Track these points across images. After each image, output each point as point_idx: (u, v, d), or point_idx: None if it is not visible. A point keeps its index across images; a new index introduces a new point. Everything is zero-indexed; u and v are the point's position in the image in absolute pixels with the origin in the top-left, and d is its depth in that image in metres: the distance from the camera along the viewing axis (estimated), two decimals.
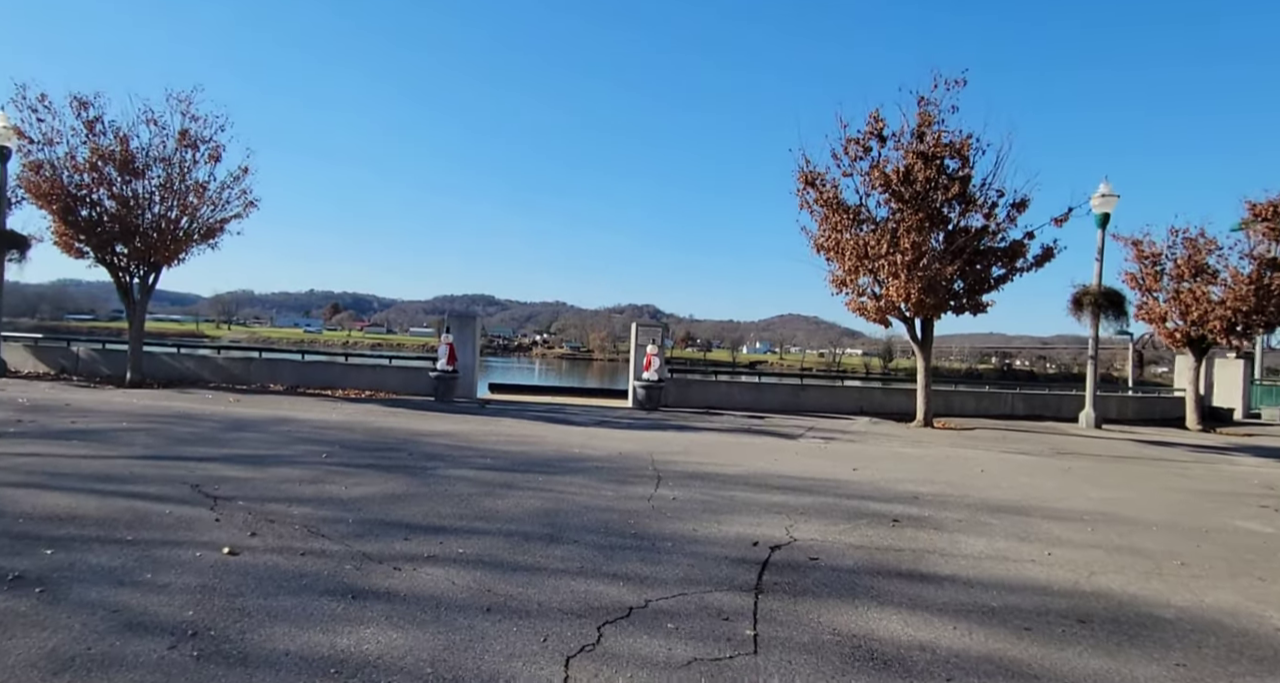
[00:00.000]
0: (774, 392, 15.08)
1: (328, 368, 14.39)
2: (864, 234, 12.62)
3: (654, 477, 6.48)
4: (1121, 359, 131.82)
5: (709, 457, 7.86)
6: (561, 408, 13.23)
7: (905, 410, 15.34)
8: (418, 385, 13.93)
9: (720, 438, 9.69)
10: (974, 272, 12.22)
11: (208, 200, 12.96)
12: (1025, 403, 16.61)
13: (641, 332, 14.53)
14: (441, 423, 9.74)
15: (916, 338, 13.55)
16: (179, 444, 6.72)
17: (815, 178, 13.15)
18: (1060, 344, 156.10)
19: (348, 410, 10.62)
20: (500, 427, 9.74)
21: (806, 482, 6.56)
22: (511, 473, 6.27)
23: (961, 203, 12.10)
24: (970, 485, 6.73)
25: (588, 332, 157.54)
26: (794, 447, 9.10)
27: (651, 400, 13.62)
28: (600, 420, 11.28)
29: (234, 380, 14.03)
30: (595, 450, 7.89)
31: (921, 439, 10.85)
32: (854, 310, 13.54)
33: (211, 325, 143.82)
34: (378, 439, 7.81)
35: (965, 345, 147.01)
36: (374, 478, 5.71)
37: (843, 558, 4.11)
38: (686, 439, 9.34)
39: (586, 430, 9.82)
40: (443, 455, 6.98)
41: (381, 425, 9.00)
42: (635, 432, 9.95)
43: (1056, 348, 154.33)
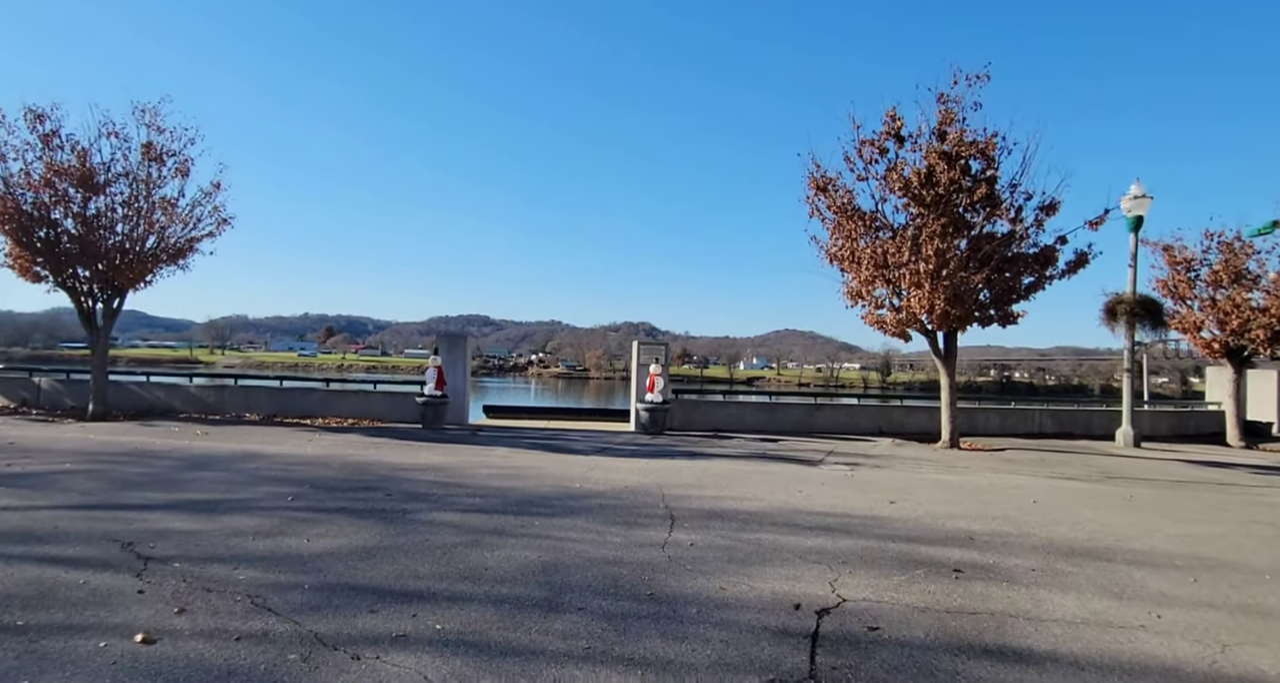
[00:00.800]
0: (786, 412, 14.41)
1: (307, 395, 13.71)
2: (881, 242, 12.07)
3: (666, 516, 5.80)
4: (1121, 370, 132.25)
5: (725, 489, 7.17)
6: (560, 434, 12.54)
7: (927, 430, 14.67)
8: (405, 412, 13.25)
9: (734, 466, 9.01)
10: (1002, 280, 11.63)
11: (177, 218, 12.39)
12: (1053, 420, 15.94)
13: (643, 351, 13.90)
14: (428, 455, 9.05)
15: (939, 352, 12.91)
16: (123, 489, 6.02)
17: (827, 183, 12.62)
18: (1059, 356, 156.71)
19: (325, 442, 9.92)
20: (493, 457, 9.06)
21: (841, 520, 5.88)
22: (503, 516, 5.59)
23: (987, 206, 11.55)
24: (1028, 521, 6.05)
25: (583, 350, 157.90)
26: (817, 475, 8.42)
27: (656, 424, 12.94)
28: (602, 447, 10.59)
29: (207, 410, 13.34)
30: (598, 485, 7.20)
31: (954, 463, 10.16)
32: (871, 324, 12.93)
33: (205, 351, 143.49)
34: (354, 477, 7.12)
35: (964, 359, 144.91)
36: (343, 526, 5.02)
37: (908, 627, 3.43)
38: (698, 469, 8.65)
39: (587, 460, 9.14)
40: (426, 495, 6.29)
41: (360, 460, 8.32)
42: (641, 461, 9.26)
43: (1055, 360, 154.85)
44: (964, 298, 11.37)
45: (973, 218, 11.80)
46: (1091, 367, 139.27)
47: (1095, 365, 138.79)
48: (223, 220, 13.12)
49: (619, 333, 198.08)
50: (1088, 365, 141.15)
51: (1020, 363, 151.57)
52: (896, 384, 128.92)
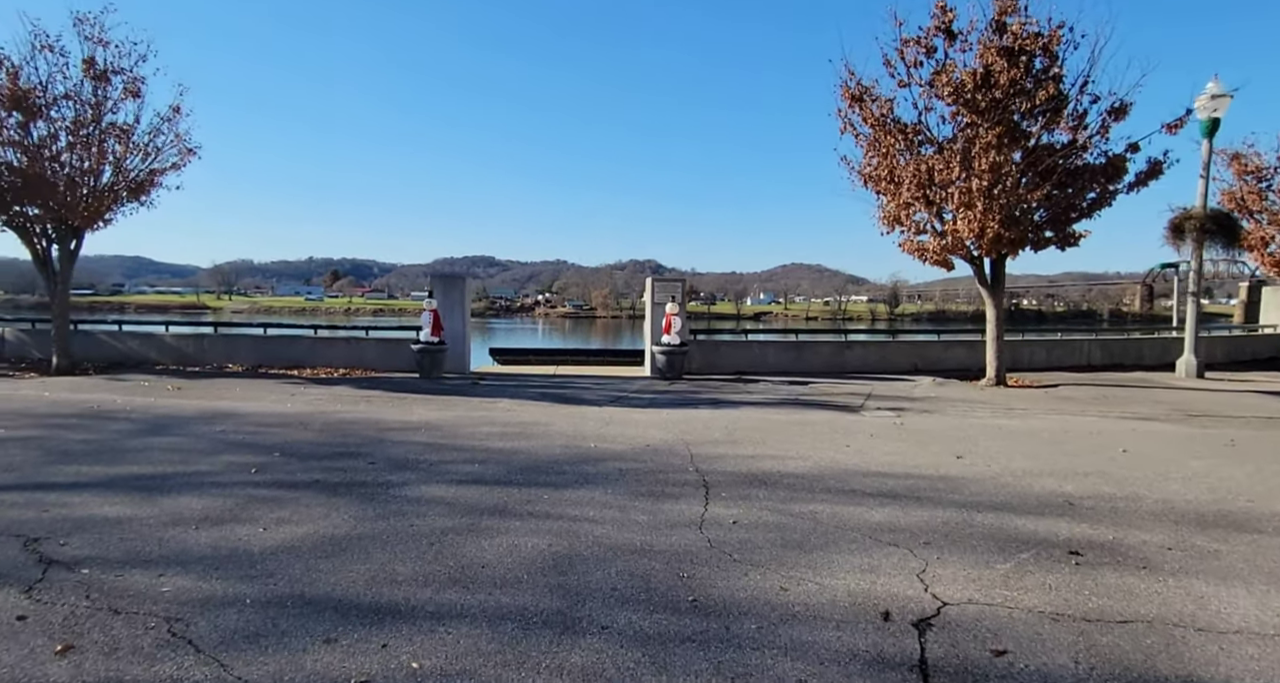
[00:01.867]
0: (814, 352, 13.51)
1: (294, 344, 12.89)
2: (925, 158, 10.81)
3: (698, 483, 4.98)
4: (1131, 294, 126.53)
5: (762, 446, 6.35)
6: (569, 381, 11.74)
7: (966, 366, 13.78)
8: (401, 360, 12.44)
9: (766, 416, 8.18)
10: (1064, 196, 10.41)
11: (134, 148, 11.23)
12: (1103, 351, 14.98)
13: (658, 288, 12.89)
14: (422, 410, 8.26)
15: (986, 280, 11.84)
16: (56, 462, 5.24)
17: (863, 92, 11.25)
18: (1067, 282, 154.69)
19: (310, 397, 9.14)
20: (495, 412, 8.26)
21: (906, 482, 5.04)
22: (506, 488, 4.78)
23: (1048, 112, 10.20)
24: (1130, 478, 5.19)
25: (590, 289, 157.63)
26: (862, 424, 7.58)
27: (674, 368, 12.09)
28: (616, 397, 9.78)
29: (186, 361, 12.58)
30: (615, 443, 6.39)
31: (1009, 404, 9.30)
32: (910, 251, 11.82)
33: (212, 296, 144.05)
34: (335, 439, 6.32)
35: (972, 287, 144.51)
36: (311, 507, 4.23)
37: (1045, 648, 2.60)
38: (726, 420, 7.83)
39: (602, 412, 8.33)
40: (416, 462, 5.49)
41: (345, 417, 7.53)
42: (661, 412, 8.44)
43: (1064, 286, 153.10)
44: (1021, 218, 10.20)
45: (1029, 126, 10.47)
46: (1101, 292, 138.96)
47: (1104, 290, 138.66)
48: (187, 150, 11.97)
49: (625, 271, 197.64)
50: (1097, 290, 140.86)
51: (1028, 290, 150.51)
52: (904, 315, 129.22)
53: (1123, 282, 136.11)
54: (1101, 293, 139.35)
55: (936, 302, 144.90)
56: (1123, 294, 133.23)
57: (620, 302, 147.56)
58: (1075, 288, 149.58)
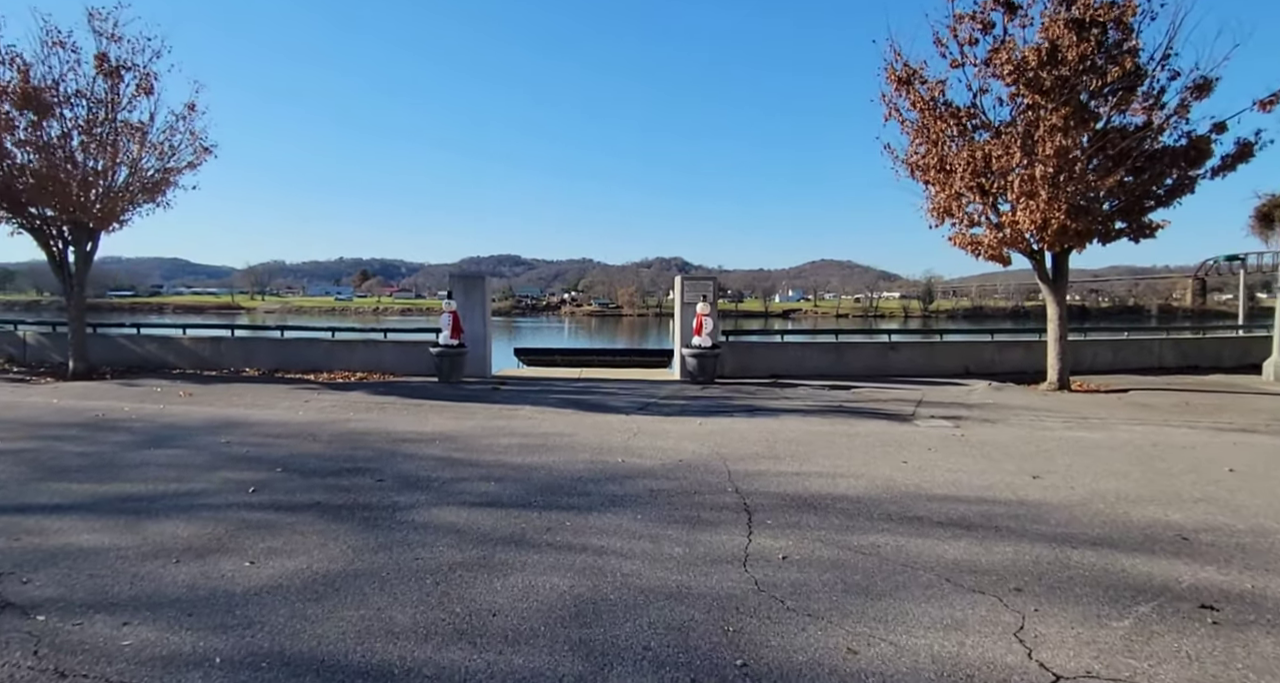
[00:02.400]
0: (856, 354, 12.87)
1: (312, 347, 12.70)
2: (979, 144, 10.13)
3: (738, 506, 4.50)
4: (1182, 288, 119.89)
5: (807, 461, 5.83)
6: (594, 385, 11.32)
7: (1022, 369, 13.00)
8: (419, 364, 12.16)
9: (809, 426, 7.64)
10: (1138, 183, 9.65)
11: (149, 146, 11.12)
12: (1175, 351, 14.05)
13: (688, 287, 12.39)
14: (439, 419, 7.90)
15: (1047, 276, 11.10)
16: (46, 478, 4.97)
17: (911, 75, 10.63)
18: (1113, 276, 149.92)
19: (323, 403, 8.86)
20: (516, 421, 7.86)
21: (979, 508, 4.49)
22: (524, 512, 4.36)
23: (1120, 90, 9.46)
24: (1249, 507, 4.55)
25: (615, 287, 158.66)
26: (917, 436, 6.99)
27: (705, 372, 11.58)
28: (645, 403, 9.32)
29: (203, 365, 12.48)
30: (645, 458, 5.93)
31: (1080, 412, 8.60)
32: (963, 246, 11.12)
33: (246, 297, 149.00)
34: (343, 453, 5.98)
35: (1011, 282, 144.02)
36: (307, 535, 3.85)
37: None
38: (765, 430, 7.31)
39: (629, 421, 7.87)
40: (427, 480, 5.10)
41: (357, 427, 7.19)
42: (693, 421, 7.96)
43: (1110, 280, 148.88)
44: (1090, 208, 9.47)
45: (1098, 107, 9.72)
46: (1149, 286, 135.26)
47: (1153, 285, 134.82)
48: (203, 148, 11.85)
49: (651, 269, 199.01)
50: (1144, 285, 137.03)
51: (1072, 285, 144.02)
52: (939, 312, 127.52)
53: (1172, 275, 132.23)
54: (1149, 287, 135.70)
55: (973, 298, 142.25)
56: (1172, 288, 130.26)
57: (646, 299, 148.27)
58: (1121, 282, 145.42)
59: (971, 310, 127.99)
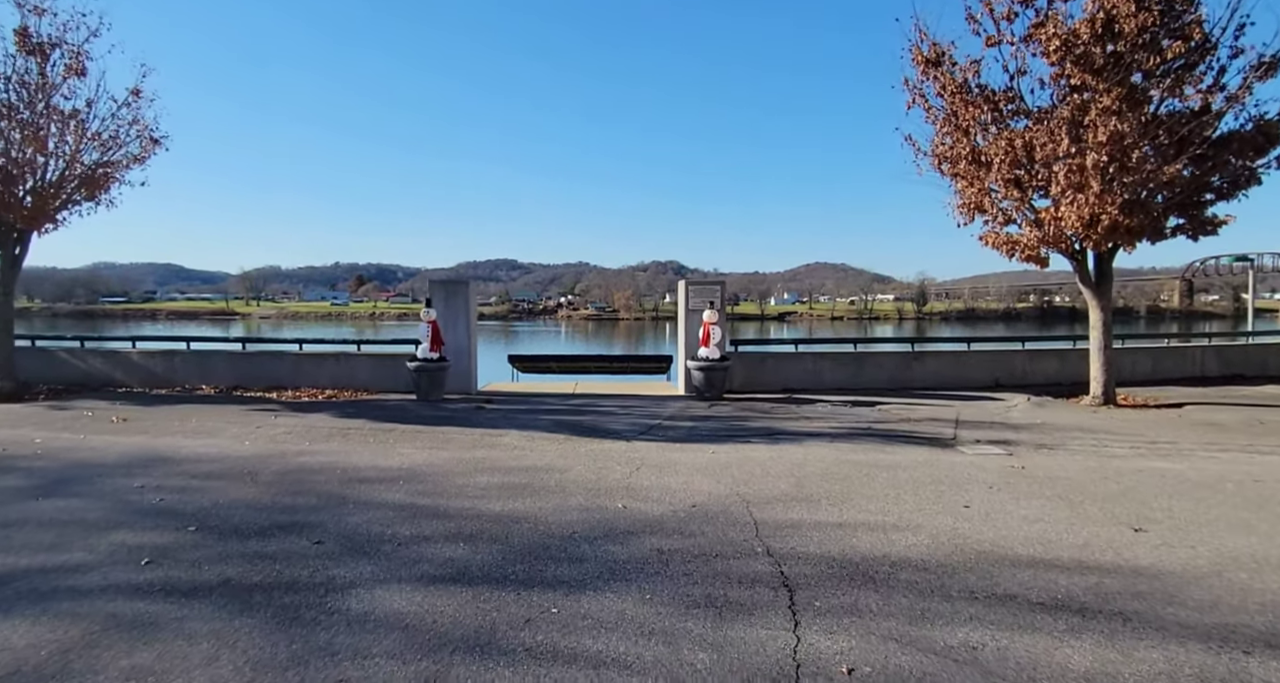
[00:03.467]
0: (877, 365, 11.94)
1: (277, 361, 11.70)
2: (1020, 131, 9.24)
3: (774, 578, 3.56)
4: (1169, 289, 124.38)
5: (846, 504, 4.88)
6: (591, 403, 10.35)
7: (1055, 380, 12.11)
8: (396, 379, 11.18)
9: (839, 453, 6.69)
10: (1200, 174, 8.76)
11: (85, 136, 10.13)
12: (1219, 359, 13.16)
13: (693, 292, 11.44)
14: (408, 449, 6.92)
15: (1089, 278, 10.23)
16: None
17: (939, 55, 9.76)
18: None
19: (277, 429, 7.87)
20: (499, 450, 6.90)
21: (1082, 579, 3.54)
22: (498, 591, 3.39)
23: (1175, 70, 8.57)
24: None
25: (612, 291, 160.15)
26: (968, 468, 6.05)
27: (713, 387, 10.63)
28: (648, 425, 8.37)
29: (154, 382, 11.46)
30: (651, 501, 4.98)
31: (1140, 432, 7.68)
32: (997, 246, 10.24)
33: (241, 302, 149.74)
34: (282, 500, 5.00)
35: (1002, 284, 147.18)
36: (195, 641, 2.87)
37: None
38: (789, 460, 6.36)
39: (631, 450, 6.92)
40: (380, 540, 4.13)
41: (308, 463, 6.20)
42: (705, 449, 7.01)
43: None
44: (1146, 202, 8.58)
45: (1149, 89, 8.83)
46: (1137, 288, 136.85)
47: (1141, 286, 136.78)
48: (152, 140, 10.87)
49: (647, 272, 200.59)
50: (1133, 287, 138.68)
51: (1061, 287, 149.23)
52: (932, 314, 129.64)
53: (1159, 277, 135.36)
54: (1138, 289, 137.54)
55: (965, 300, 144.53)
56: (1160, 290, 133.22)
57: (643, 303, 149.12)
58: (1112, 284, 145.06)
59: (964, 312, 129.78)
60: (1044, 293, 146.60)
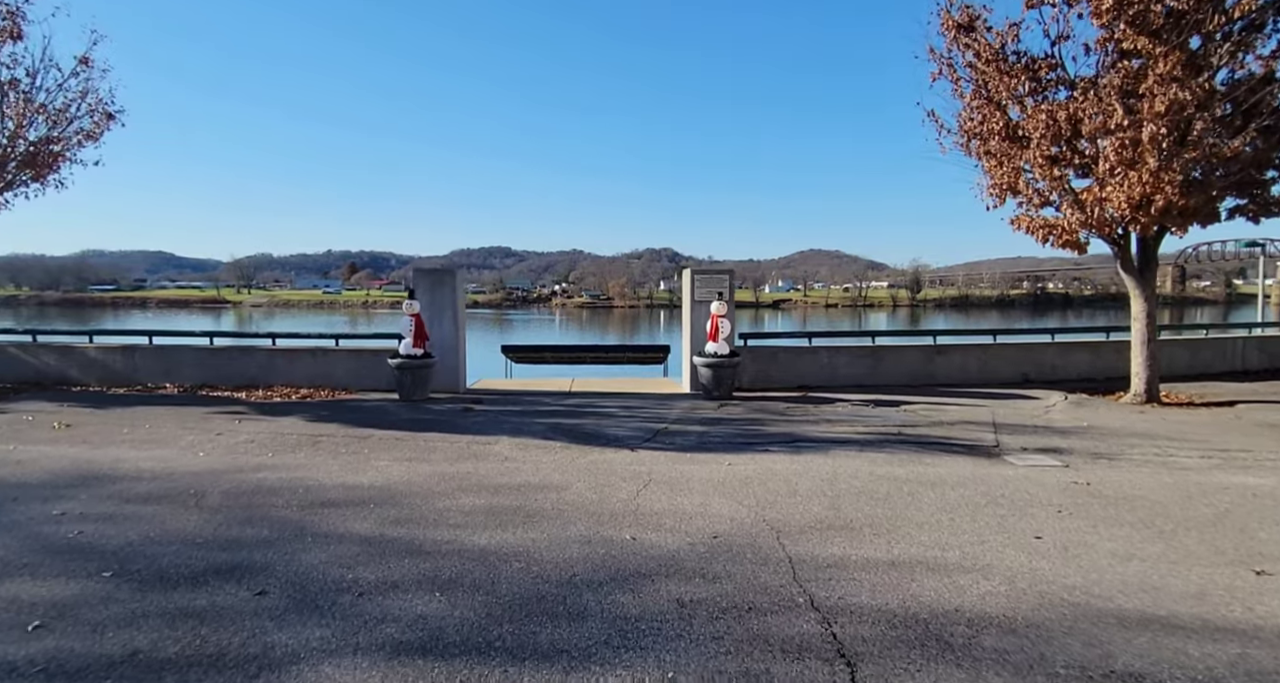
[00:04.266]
0: (896, 360, 11.23)
1: (248, 357, 10.93)
2: (1064, 102, 8.50)
3: (824, 641, 2.87)
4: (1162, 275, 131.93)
5: (896, 535, 4.19)
6: (590, 403, 9.64)
7: (1088, 375, 11.47)
8: (377, 377, 10.44)
9: (872, 466, 6.00)
10: (1265, 148, 8.03)
11: (33, 109, 9.30)
12: (1260, 352, 12.52)
13: (699, 282, 10.70)
14: (384, 462, 6.21)
15: (1132, 265, 9.54)
16: None
17: (972, 20, 9.00)
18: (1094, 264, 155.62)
19: (239, 437, 7.14)
20: (488, 462, 6.19)
21: (1214, 647, 2.86)
22: (480, 667, 2.69)
23: (1240, 32, 7.83)
24: None
25: (606, 279, 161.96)
26: (1025, 485, 5.36)
27: (721, 385, 9.92)
28: (653, 430, 7.66)
29: (113, 380, 10.69)
30: (663, 530, 4.27)
31: (1202, 437, 7.00)
32: (1032, 231, 9.53)
33: (231, 290, 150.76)
34: (227, 531, 4.28)
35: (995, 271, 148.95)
36: None
37: None
38: (817, 473, 5.67)
39: (636, 460, 6.22)
40: (337, 590, 3.42)
41: (266, 480, 5.48)
42: (719, 459, 6.32)
43: (1092, 269, 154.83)
44: (1207, 180, 7.86)
45: (1207, 54, 8.08)
46: None
47: None
48: (107, 114, 10.06)
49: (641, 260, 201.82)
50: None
51: (1054, 273, 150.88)
52: (927, 301, 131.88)
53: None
54: None
55: (959, 286, 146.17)
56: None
57: (637, 291, 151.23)
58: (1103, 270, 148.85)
59: (959, 299, 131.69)
60: (1037, 279, 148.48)
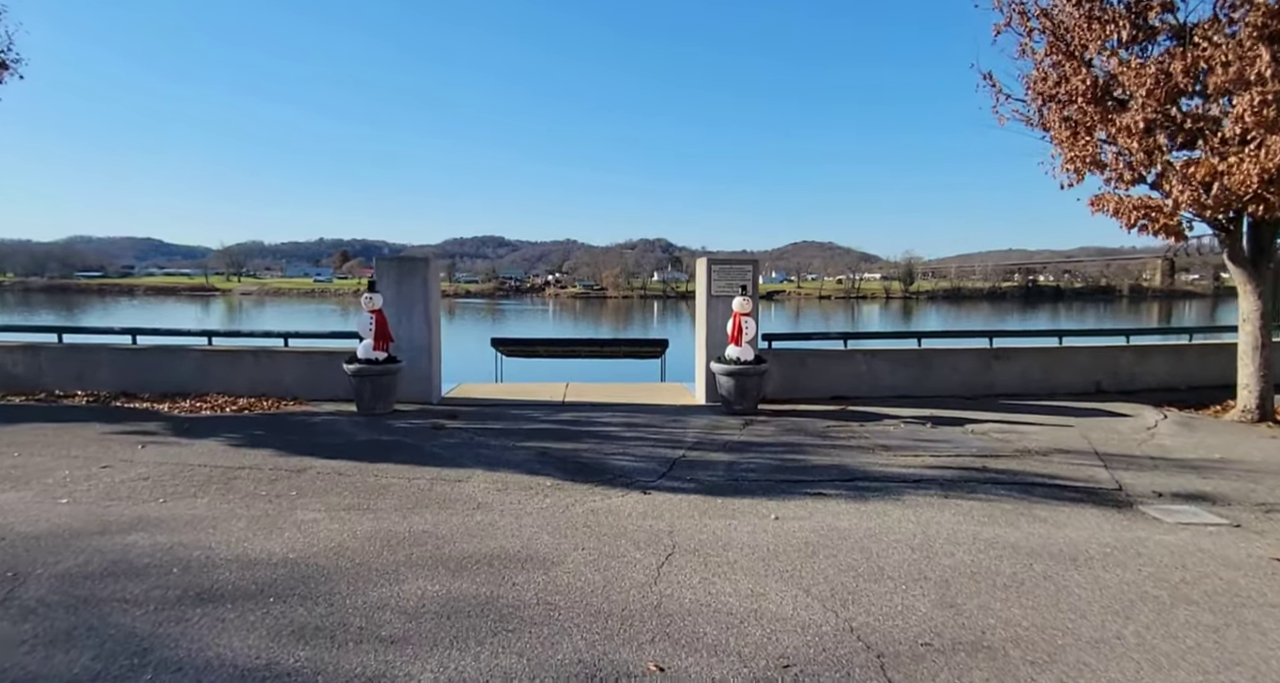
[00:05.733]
0: (947, 366, 9.80)
1: (178, 359, 9.44)
2: (1180, 51, 7.06)
3: None
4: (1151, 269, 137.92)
5: (1057, 662, 2.80)
6: (588, 416, 8.21)
7: (1169, 383, 10.11)
8: (333, 384, 8.95)
9: (969, 520, 4.58)
10: None
11: None
12: None
13: (717, 274, 9.24)
14: (313, 512, 4.75)
15: (1242, 255, 8.18)
16: None
17: None
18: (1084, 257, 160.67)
19: (133, 471, 5.67)
20: (452, 511, 4.75)
21: None
22: None
23: None
24: None
25: (600, 269, 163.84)
26: (1207, 561, 3.96)
27: (746, 397, 8.47)
28: (668, 459, 6.23)
29: (11, 387, 9.16)
30: (702, 655, 2.86)
31: None
32: (1120, 214, 8.15)
33: (221, 278, 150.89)
34: (23, 659, 2.82)
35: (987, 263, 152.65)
36: None
37: None
38: (897, 535, 4.26)
39: (649, 509, 4.79)
40: None
41: (135, 547, 4.02)
42: (759, 507, 4.90)
43: (1082, 261, 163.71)
44: None
45: None
46: (1120, 266, 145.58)
47: (1124, 265, 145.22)
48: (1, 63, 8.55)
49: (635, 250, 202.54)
50: (1116, 266, 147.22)
51: (1045, 266, 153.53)
52: (919, 293, 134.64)
53: (1141, 256, 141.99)
54: (1121, 268, 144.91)
55: (951, 279, 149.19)
56: (1142, 269, 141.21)
57: (631, 281, 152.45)
58: (1093, 263, 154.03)
59: (951, 291, 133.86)
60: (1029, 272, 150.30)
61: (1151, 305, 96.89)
